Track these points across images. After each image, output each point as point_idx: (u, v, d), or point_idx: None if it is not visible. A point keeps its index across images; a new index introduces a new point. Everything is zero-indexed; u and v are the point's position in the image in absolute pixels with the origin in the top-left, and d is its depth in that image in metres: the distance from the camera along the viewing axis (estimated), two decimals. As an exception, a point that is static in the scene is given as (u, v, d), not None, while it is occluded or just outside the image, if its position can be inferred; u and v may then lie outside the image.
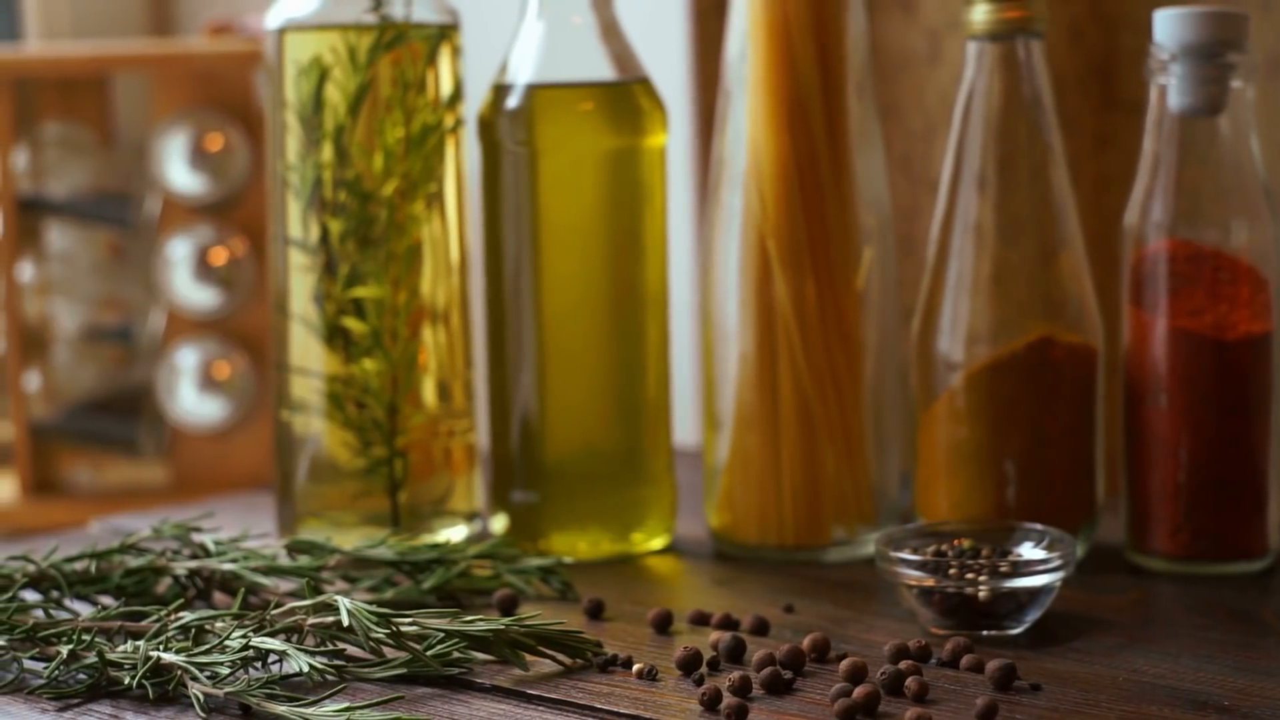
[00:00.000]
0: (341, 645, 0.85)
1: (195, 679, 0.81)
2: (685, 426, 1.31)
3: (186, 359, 1.47)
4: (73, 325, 1.54)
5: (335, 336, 1.05)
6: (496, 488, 1.07)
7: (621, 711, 0.80)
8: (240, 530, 1.02)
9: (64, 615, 0.91)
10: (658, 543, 1.07)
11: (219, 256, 1.46)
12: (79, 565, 0.95)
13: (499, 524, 1.07)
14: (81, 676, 0.84)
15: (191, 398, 1.47)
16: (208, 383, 1.47)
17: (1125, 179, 1.17)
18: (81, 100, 1.56)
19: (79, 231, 1.54)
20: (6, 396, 1.51)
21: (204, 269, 1.46)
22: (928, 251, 1.04)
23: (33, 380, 1.51)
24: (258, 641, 0.83)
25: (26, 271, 1.51)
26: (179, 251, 1.46)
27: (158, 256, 1.48)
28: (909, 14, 1.25)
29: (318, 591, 0.89)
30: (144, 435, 1.51)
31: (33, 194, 1.50)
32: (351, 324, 1.04)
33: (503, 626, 0.85)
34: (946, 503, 1.02)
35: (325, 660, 0.83)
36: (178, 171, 1.46)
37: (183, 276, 1.46)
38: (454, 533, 1.07)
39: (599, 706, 0.81)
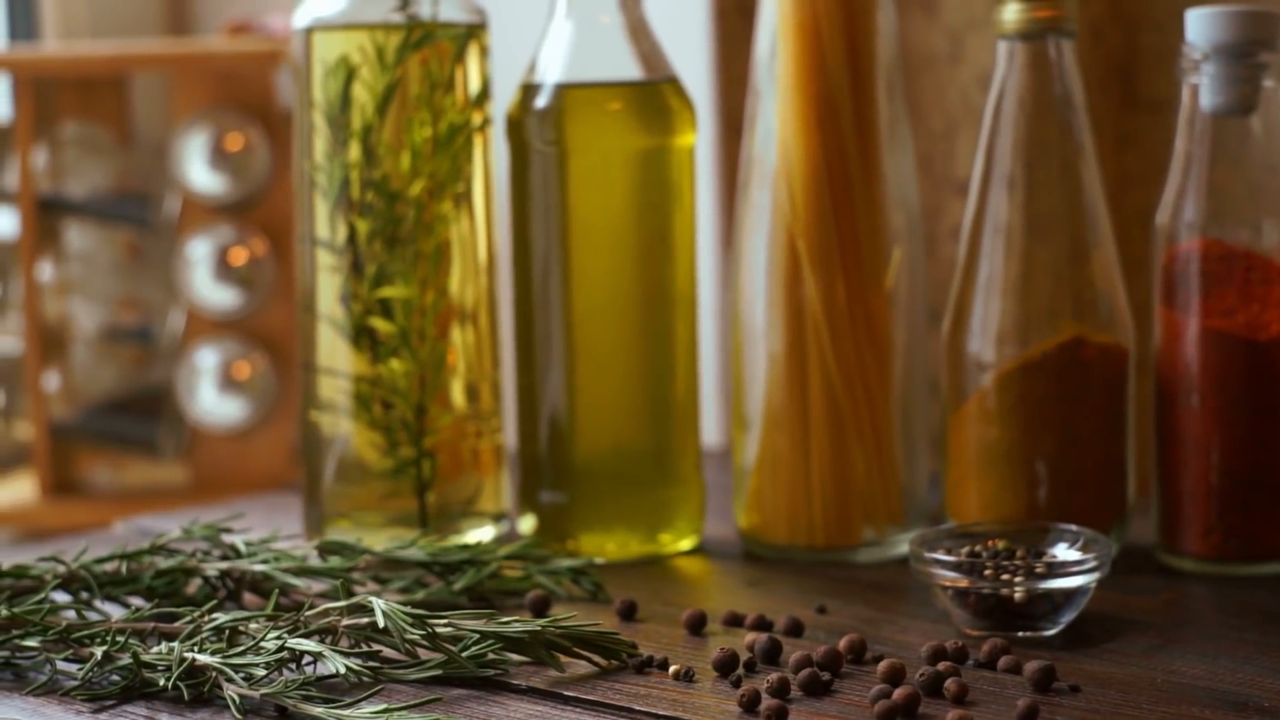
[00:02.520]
0: (376, 646, 0.85)
1: (230, 680, 0.81)
2: (710, 427, 1.30)
3: (206, 359, 1.47)
4: (92, 325, 1.54)
5: (362, 337, 1.05)
6: (524, 488, 1.07)
7: (659, 713, 0.80)
8: (267, 531, 1.02)
9: (95, 616, 0.91)
10: (686, 543, 1.06)
11: (239, 256, 1.46)
12: (109, 566, 0.94)
13: (527, 524, 1.06)
14: (115, 678, 0.84)
15: (211, 398, 1.47)
16: (227, 383, 1.47)
17: (1146, 179, 1.17)
18: (100, 100, 1.56)
19: (98, 231, 1.54)
20: (26, 397, 1.51)
21: (224, 269, 1.46)
22: (958, 251, 1.04)
23: (52, 380, 1.51)
24: (293, 643, 0.83)
25: (46, 271, 1.51)
26: (199, 251, 1.46)
27: (177, 256, 1.47)
28: (930, 14, 1.25)
29: (351, 593, 0.89)
30: (164, 435, 1.51)
31: (52, 194, 1.50)
32: (379, 324, 1.04)
33: (539, 628, 0.84)
34: (977, 503, 1.02)
35: (360, 661, 0.83)
36: (197, 171, 1.46)
37: (203, 276, 1.46)
38: (481, 533, 1.07)
39: (636, 708, 0.80)
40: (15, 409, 1.57)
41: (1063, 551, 0.92)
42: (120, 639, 0.85)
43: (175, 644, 0.84)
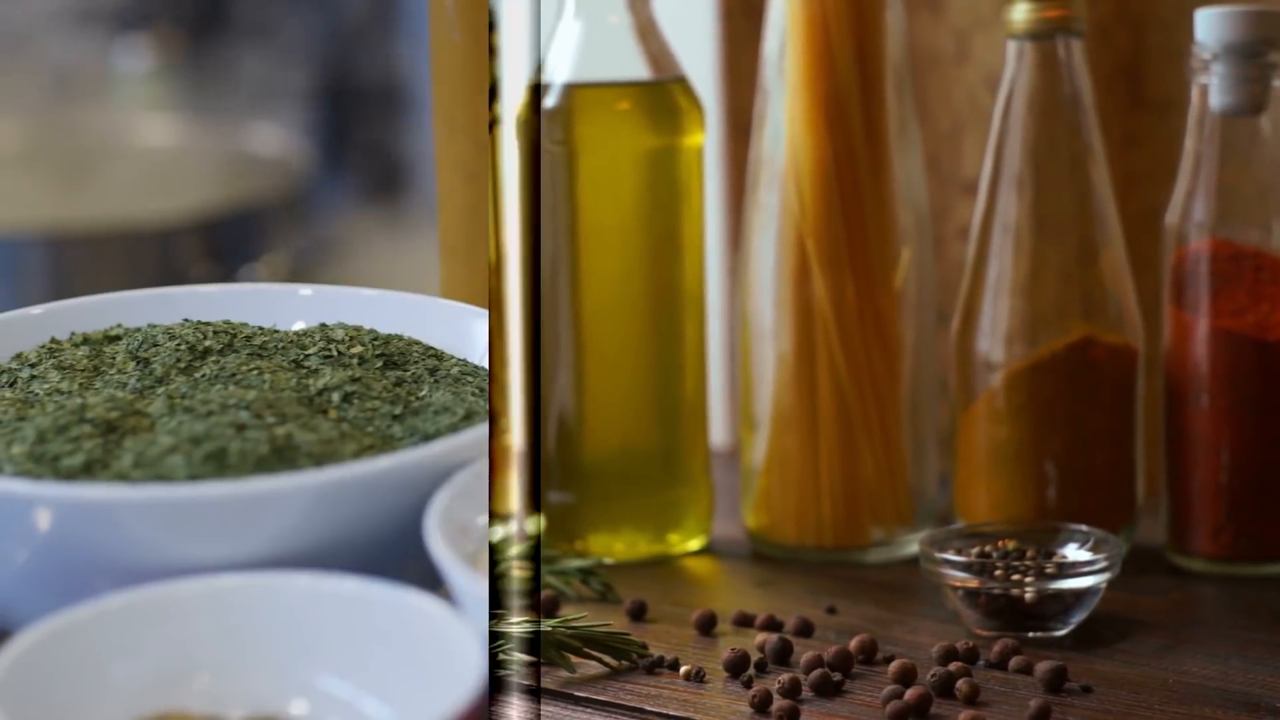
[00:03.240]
0: (386, 647, 0.85)
1: (241, 681, 0.81)
2: (718, 427, 1.30)
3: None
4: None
5: (370, 337, 1.04)
6: (532, 488, 1.06)
7: (670, 713, 0.80)
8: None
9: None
10: (695, 544, 1.06)
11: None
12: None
13: (534, 525, 1.06)
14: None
15: (216, 398, 1.47)
16: (233, 383, 1.47)
17: (1152, 179, 1.17)
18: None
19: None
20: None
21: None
22: (967, 251, 1.03)
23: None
24: (303, 643, 0.82)
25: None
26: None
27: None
28: (936, 13, 1.25)
29: (360, 593, 0.89)
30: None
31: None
32: (387, 324, 1.04)
33: (549, 628, 0.84)
34: (986, 503, 1.02)
35: (370, 662, 0.83)
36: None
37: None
38: (489, 533, 1.07)
39: (648, 709, 0.80)
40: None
41: (1073, 552, 0.92)
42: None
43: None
